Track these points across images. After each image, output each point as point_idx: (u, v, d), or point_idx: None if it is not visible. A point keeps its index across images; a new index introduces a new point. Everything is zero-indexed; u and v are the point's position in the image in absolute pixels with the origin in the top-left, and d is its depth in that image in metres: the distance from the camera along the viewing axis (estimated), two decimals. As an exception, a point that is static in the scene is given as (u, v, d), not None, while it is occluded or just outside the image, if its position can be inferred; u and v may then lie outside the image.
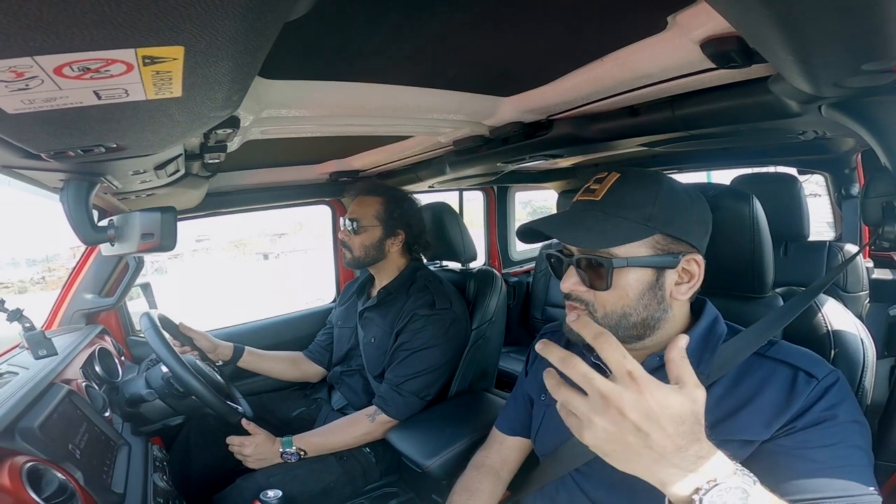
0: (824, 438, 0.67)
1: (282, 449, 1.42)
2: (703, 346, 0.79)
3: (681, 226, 0.77)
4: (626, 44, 0.79)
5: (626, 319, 0.78)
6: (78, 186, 0.83)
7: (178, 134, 0.69)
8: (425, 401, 1.47)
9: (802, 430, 0.69)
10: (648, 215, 0.76)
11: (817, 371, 0.71)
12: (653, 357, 0.81)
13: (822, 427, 0.68)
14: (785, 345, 0.78)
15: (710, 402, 0.74)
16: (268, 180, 1.94)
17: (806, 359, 0.74)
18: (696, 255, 0.78)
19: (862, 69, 0.56)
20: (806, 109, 0.81)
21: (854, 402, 0.71)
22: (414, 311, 1.50)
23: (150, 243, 0.88)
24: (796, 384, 0.71)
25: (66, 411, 1.00)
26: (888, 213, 0.75)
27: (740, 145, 2.08)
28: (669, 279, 0.78)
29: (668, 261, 0.77)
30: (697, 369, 0.74)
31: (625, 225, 0.76)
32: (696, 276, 0.79)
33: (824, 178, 2.76)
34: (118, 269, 1.73)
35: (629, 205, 0.77)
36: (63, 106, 0.46)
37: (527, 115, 1.20)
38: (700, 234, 0.80)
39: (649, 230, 0.76)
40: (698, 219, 0.80)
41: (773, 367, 0.75)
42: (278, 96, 0.90)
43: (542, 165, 2.45)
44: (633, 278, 0.77)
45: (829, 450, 0.67)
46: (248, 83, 0.58)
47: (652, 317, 0.78)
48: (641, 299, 0.77)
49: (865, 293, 2.11)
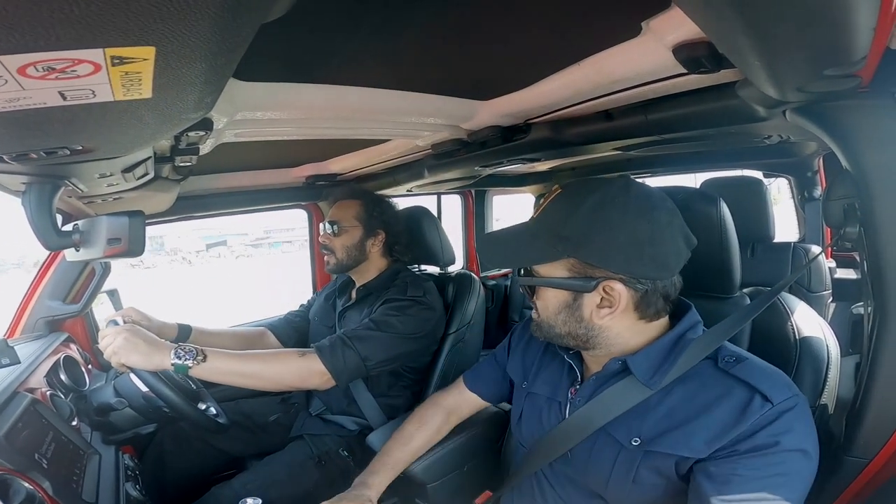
0: (758, 468, 0.67)
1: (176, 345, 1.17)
2: (668, 353, 0.79)
3: (596, 250, 0.76)
4: (602, 49, 0.80)
5: (552, 329, 0.83)
6: (41, 190, 0.80)
7: (147, 136, 0.67)
8: (367, 369, 1.32)
9: (740, 455, 0.68)
10: (561, 237, 0.78)
11: (775, 395, 0.69)
12: (614, 361, 0.82)
13: (760, 455, 0.68)
14: (752, 363, 0.75)
15: (662, 411, 0.76)
16: (242, 184, 1.90)
17: (767, 381, 0.72)
18: (613, 283, 0.76)
19: (824, 74, 0.58)
20: (771, 114, 0.84)
21: (806, 431, 0.69)
22: (386, 297, 1.48)
23: (117, 248, 0.85)
24: (750, 406, 0.70)
25: (31, 420, 0.97)
26: (849, 214, 0.78)
27: (709, 149, 2.14)
28: (589, 301, 0.78)
29: (580, 285, 0.78)
30: (650, 380, 0.77)
31: (538, 246, 0.80)
32: (618, 302, 0.77)
33: (788, 182, 2.87)
34: (84, 275, 1.67)
35: (547, 225, 0.81)
36: (26, 107, 0.44)
37: (505, 118, 1.21)
38: (628, 259, 0.75)
39: (559, 253, 0.78)
40: (632, 242, 0.75)
41: (731, 386, 0.73)
42: (253, 98, 0.88)
43: (520, 169, 2.48)
44: (551, 295, 0.81)
45: (756, 482, 0.67)
46: (221, 85, 0.57)
47: (575, 333, 0.81)
48: (558, 315, 0.81)
49: (828, 292, 2.19)
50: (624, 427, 0.78)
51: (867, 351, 0.78)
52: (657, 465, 0.74)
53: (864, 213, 0.74)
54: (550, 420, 0.91)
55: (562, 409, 0.90)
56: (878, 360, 0.75)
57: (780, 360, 0.84)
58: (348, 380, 1.31)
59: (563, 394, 0.91)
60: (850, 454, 0.78)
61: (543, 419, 0.93)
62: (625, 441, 0.77)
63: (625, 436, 0.78)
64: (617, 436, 0.79)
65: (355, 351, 1.30)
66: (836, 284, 2.26)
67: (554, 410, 0.91)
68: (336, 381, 1.28)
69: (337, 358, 1.28)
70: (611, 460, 0.79)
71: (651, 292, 0.77)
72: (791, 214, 2.96)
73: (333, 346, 1.30)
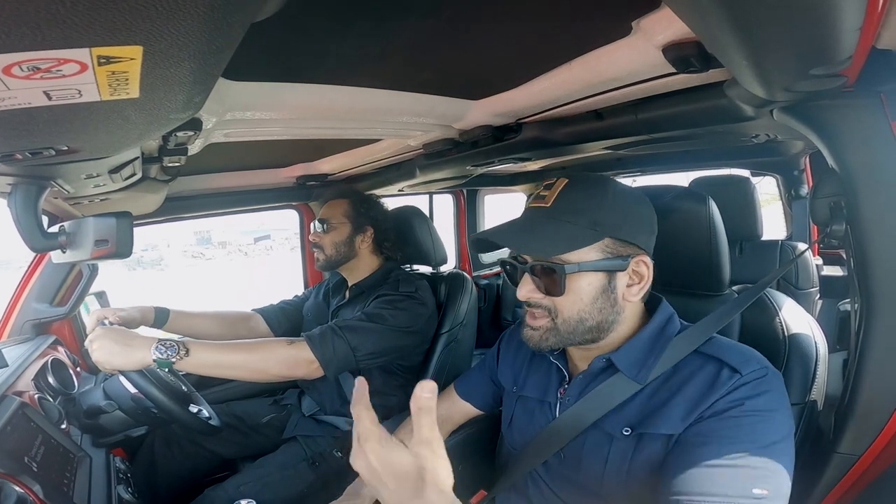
0: (723, 429, 0.68)
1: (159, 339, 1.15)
2: (651, 347, 0.81)
3: (628, 229, 0.80)
4: (593, 48, 0.81)
5: (582, 324, 0.80)
6: (26, 191, 0.79)
7: (134, 136, 0.66)
8: (357, 360, 1.31)
9: (706, 419, 0.70)
10: (595, 220, 0.78)
11: (744, 367, 0.72)
12: (599, 359, 0.84)
13: (725, 417, 0.69)
14: (719, 340, 0.79)
15: (643, 397, 0.78)
16: (231, 184, 1.88)
17: (736, 355, 0.74)
18: (644, 257, 0.81)
19: (810, 74, 0.59)
20: (759, 113, 0.84)
21: (776, 396, 0.70)
22: (378, 294, 1.49)
23: (105, 250, 0.84)
24: (719, 378, 0.73)
25: (20, 424, 0.96)
26: (835, 212, 0.79)
27: (698, 148, 2.16)
28: (621, 282, 0.80)
29: (617, 264, 0.79)
30: (637, 375, 0.79)
31: (573, 230, 0.78)
32: (645, 277, 0.81)
33: (776, 180, 2.90)
34: (71, 277, 1.64)
35: (577, 210, 0.79)
36: (11, 107, 0.44)
37: (496, 118, 1.21)
38: (646, 236, 0.82)
39: (597, 234, 0.78)
40: (643, 220, 0.82)
41: (703, 362, 0.76)
42: (243, 98, 0.88)
43: (511, 168, 2.48)
44: (587, 283, 0.79)
45: (723, 443, 0.67)
46: (211, 84, 0.56)
47: (606, 320, 0.81)
48: (595, 303, 0.80)
49: (816, 289, 2.22)
50: (613, 419, 0.80)
51: (854, 347, 0.79)
52: (649, 455, 0.75)
53: (849, 210, 0.75)
54: (541, 421, 0.92)
55: (552, 410, 0.91)
56: (865, 356, 0.76)
57: (769, 356, 0.84)
58: (336, 370, 1.30)
59: (552, 394, 0.92)
60: (840, 450, 0.79)
61: (534, 421, 0.93)
62: (616, 432, 0.79)
63: (615, 427, 0.79)
64: (608, 429, 0.80)
65: (345, 340, 1.29)
66: (823, 281, 2.29)
67: (545, 411, 0.92)
68: (324, 371, 1.27)
69: (327, 346, 1.27)
70: (604, 454, 0.79)
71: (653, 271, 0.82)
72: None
73: (324, 334, 1.30)
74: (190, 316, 1.59)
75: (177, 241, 24.09)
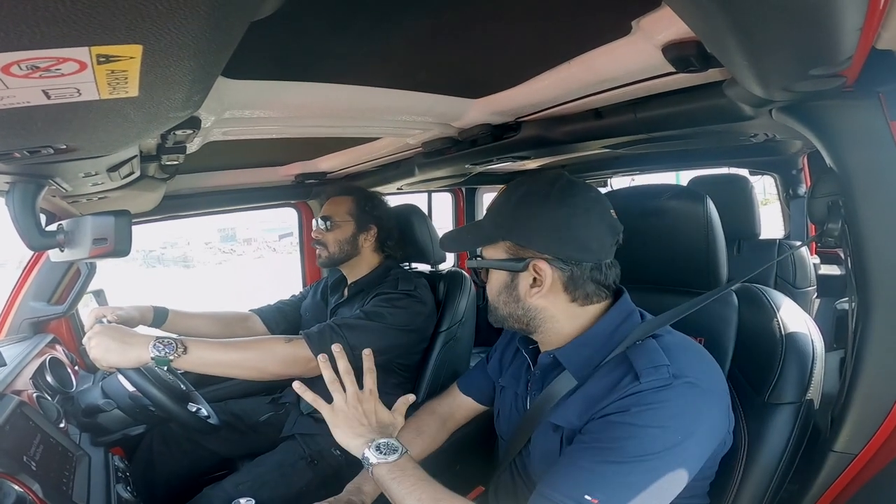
0: (597, 432, 0.71)
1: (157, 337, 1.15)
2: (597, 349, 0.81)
3: (522, 233, 0.84)
4: (593, 47, 0.81)
5: (496, 312, 0.90)
6: (24, 189, 0.79)
7: (133, 135, 0.66)
8: (355, 358, 1.24)
9: (594, 420, 0.73)
10: (498, 223, 0.87)
11: (647, 375, 0.71)
12: (545, 354, 0.88)
13: (605, 420, 0.71)
14: (646, 345, 0.77)
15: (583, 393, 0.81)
16: (230, 182, 1.88)
17: (648, 363, 0.73)
18: (539, 262, 0.82)
19: (810, 74, 0.59)
20: (757, 113, 0.85)
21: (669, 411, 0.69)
22: (377, 292, 1.48)
23: (103, 248, 0.84)
24: (620, 382, 0.74)
25: (18, 423, 0.96)
26: (833, 211, 0.79)
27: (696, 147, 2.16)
28: (524, 282, 0.85)
29: (512, 265, 0.84)
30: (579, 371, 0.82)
31: (481, 231, 0.91)
32: (544, 280, 0.82)
33: (774, 179, 2.90)
34: (69, 275, 1.64)
35: (489, 213, 0.91)
36: (9, 106, 0.43)
37: (495, 117, 1.21)
38: (550, 242, 0.82)
39: (496, 236, 0.87)
40: (552, 226, 0.82)
41: (618, 363, 0.77)
42: (242, 97, 0.87)
43: (510, 167, 2.47)
44: (494, 277, 0.89)
45: (587, 443, 0.71)
46: (210, 83, 0.56)
47: (516, 314, 0.86)
48: (500, 296, 0.88)
49: (813, 288, 2.22)
50: (558, 413, 0.82)
51: (852, 346, 0.79)
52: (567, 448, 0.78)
53: (847, 210, 0.76)
54: (516, 413, 0.95)
55: (523, 402, 0.94)
56: (862, 355, 0.76)
57: (766, 355, 0.85)
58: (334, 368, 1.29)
59: (522, 387, 0.95)
60: (836, 449, 0.79)
61: (512, 413, 0.97)
62: (557, 426, 0.81)
63: (558, 420, 0.81)
64: (553, 422, 0.82)
65: (344, 338, 1.28)
66: (820, 281, 2.30)
67: (519, 403, 0.96)
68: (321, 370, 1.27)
69: (325, 344, 1.25)
70: (547, 448, 0.83)
71: (578, 275, 0.83)
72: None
73: (322, 332, 1.30)
74: (189, 316, 1.59)
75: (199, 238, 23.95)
